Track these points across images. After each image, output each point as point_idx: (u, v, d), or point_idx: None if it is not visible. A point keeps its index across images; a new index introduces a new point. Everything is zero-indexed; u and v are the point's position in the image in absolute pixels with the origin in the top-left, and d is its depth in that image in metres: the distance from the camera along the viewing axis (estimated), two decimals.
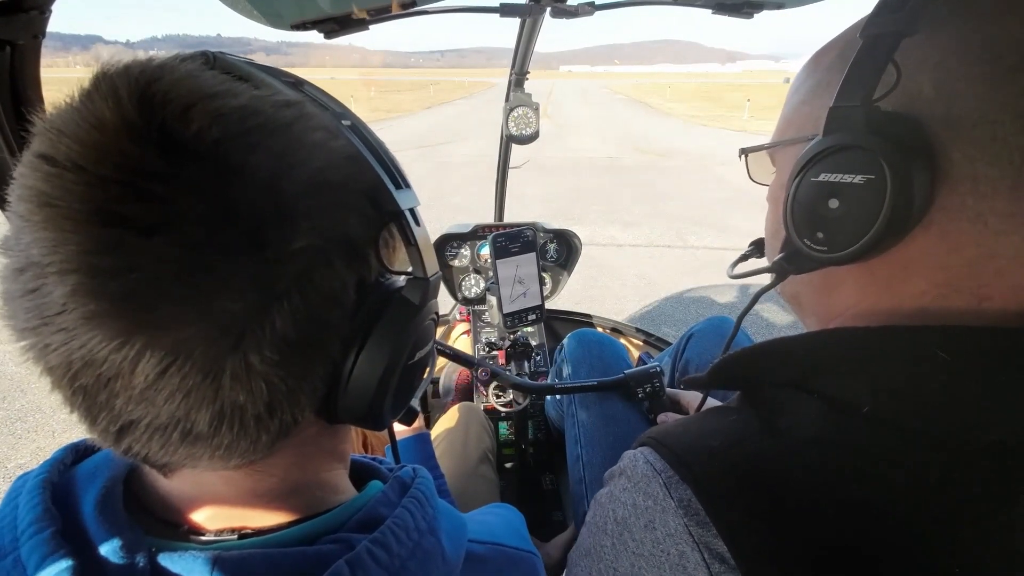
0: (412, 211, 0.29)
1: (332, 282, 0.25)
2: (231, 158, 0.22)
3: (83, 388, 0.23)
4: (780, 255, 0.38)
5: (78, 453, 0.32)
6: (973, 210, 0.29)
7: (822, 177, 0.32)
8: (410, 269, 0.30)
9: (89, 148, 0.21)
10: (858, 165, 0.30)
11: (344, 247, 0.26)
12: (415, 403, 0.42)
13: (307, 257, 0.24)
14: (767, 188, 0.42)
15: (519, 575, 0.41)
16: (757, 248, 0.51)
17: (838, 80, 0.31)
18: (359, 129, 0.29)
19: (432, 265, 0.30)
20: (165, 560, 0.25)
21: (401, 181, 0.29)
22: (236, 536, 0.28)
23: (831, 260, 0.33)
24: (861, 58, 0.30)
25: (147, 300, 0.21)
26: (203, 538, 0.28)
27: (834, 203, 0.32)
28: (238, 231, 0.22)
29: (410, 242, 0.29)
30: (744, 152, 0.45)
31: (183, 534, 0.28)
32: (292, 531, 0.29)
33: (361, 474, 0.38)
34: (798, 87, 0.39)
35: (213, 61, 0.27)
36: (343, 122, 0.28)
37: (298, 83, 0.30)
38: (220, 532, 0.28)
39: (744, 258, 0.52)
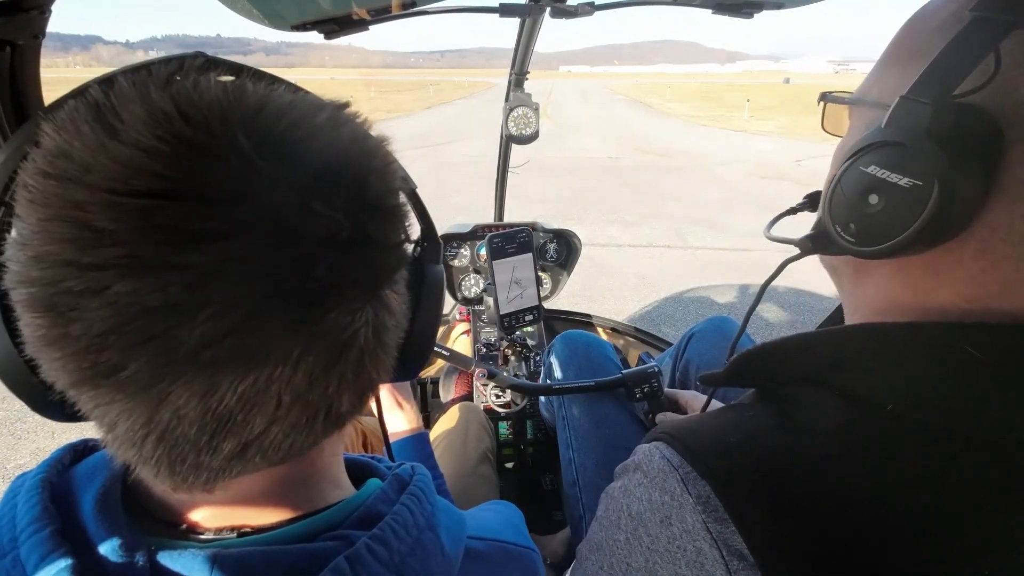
0: None
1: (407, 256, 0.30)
2: (369, 186, 0.24)
3: (217, 417, 0.22)
4: (811, 231, 0.37)
5: (76, 453, 0.31)
6: (1020, 234, 0.27)
7: (871, 169, 0.31)
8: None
9: (247, 177, 0.21)
10: (909, 168, 0.29)
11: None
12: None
13: (401, 244, 0.28)
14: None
15: (518, 571, 0.41)
16: (811, 202, 0.46)
17: (938, 49, 0.28)
18: None
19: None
20: (164, 558, 0.25)
21: None
22: (235, 535, 0.28)
23: (856, 252, 0.32)
24: (958, 42, 0.28)
25: (324, 303, 0.23)
26: (202, 537, 0.28)
27: (874, 199, 0.31)
28: (368, 233, 0.24)
29: (423, 213, 0.37)
30: (823, 99, 0.42)
31: (182, 533, 0.28)
32: (291, 528, 0.29)
33: (359, 472, 0.38)
34: (898, 43, 0.34)
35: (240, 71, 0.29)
36: None
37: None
38: (219, 531, 0.28)
39: (793, 211, 0.48)
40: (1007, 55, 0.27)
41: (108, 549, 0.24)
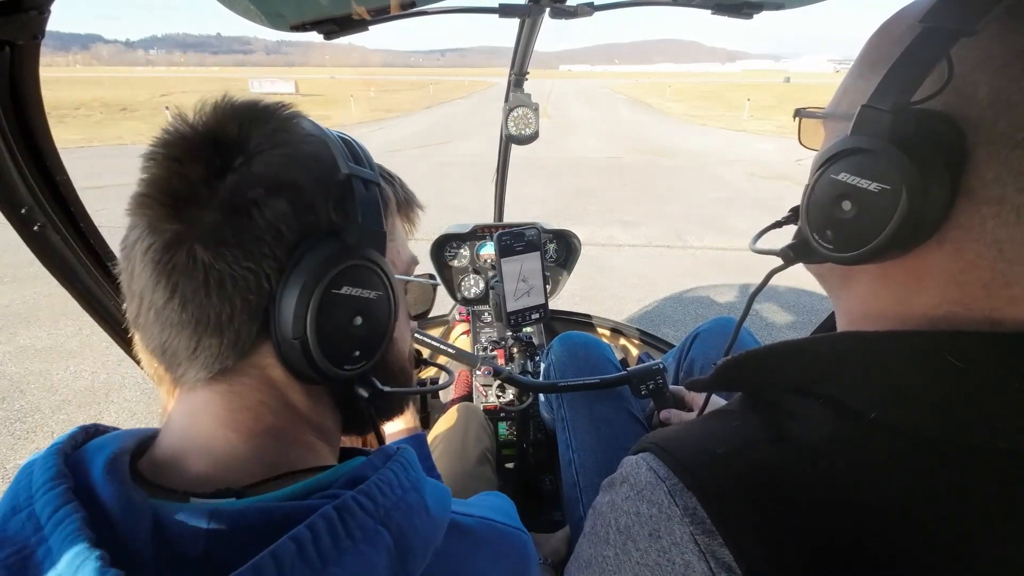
0: (364, 180, 0.37)
1: (276, 213, 0.31)
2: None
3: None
4: (791, 241, 0.37)
5: (88, 434, 0.33)
6: (991, 235, 0.28)
7: (842, 176, 0.31)
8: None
9: None
10: (876, 173, 0.29)
11: (292, 192, 0.32)
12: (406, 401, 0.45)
13: (257, 185, 0.31)
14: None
15: (506, 549, 0.40)
16: (795, 215, 0.47)
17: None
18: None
19: (375, 219, 0.36)
20: (166, 511, 0.27)
21: (359, 161, 0.37)
22: (234, 497, 0.30)
23: (834, 259, 0.33)
24: (911, 51, 0.28)
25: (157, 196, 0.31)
26: (202, 500, 0.29)
27: (847, 205, 0.31)
28: (207, 160, 0.31)
29: (356, 201, 0.35)
30: (799, 114, 0.43)
31: (183, 496, 0.30)
32: (286, 491, 0.30)
33: (346, 455, 0.40)
34: (864, 55, 0.35)
35: None
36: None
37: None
38: (216, 494, 0.30)
39: (778, 224, 0.49)
40: (960, 62, 0.27)
41: (115, 504, 0.27)
